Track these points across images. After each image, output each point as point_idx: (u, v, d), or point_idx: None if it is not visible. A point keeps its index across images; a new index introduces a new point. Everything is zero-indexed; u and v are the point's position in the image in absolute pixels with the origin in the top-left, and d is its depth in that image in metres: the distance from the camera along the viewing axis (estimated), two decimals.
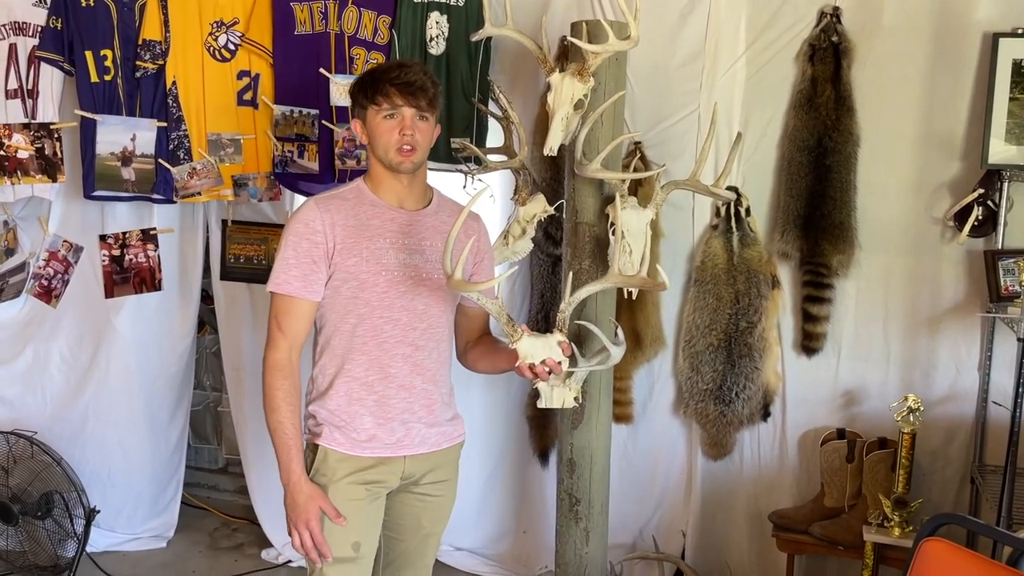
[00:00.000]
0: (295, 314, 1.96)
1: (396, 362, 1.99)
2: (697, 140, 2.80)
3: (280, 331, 1.96)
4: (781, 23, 2.74)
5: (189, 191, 3.04)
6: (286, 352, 1.95)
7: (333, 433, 1.98)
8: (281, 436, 1.93)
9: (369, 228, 1.98)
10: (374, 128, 1.97)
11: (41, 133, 3.04)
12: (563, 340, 1.96)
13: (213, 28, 2.96)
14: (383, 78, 1.95)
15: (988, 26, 2.55)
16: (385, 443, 1.99)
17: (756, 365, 2.80)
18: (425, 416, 2.03)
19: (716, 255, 2.80)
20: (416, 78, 1.94)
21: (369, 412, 1.98)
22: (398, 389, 1.99)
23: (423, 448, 2.04)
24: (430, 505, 2.11)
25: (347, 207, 1.99)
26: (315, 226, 1.94)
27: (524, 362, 1.93)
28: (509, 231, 2.61)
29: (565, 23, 2.69)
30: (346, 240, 1.95)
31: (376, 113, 1.96)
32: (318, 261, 1.94)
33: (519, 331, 1.92)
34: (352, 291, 1.96)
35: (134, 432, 3.43)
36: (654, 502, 3.08)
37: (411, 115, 1.95)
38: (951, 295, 2.69)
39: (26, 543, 3.24)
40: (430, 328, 2.02)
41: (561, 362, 1.95)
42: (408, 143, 1.94)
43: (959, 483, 2.74)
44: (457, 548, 3.33)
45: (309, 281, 1.95)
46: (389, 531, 2.13)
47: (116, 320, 3.32)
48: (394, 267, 1.97)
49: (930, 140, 2.66)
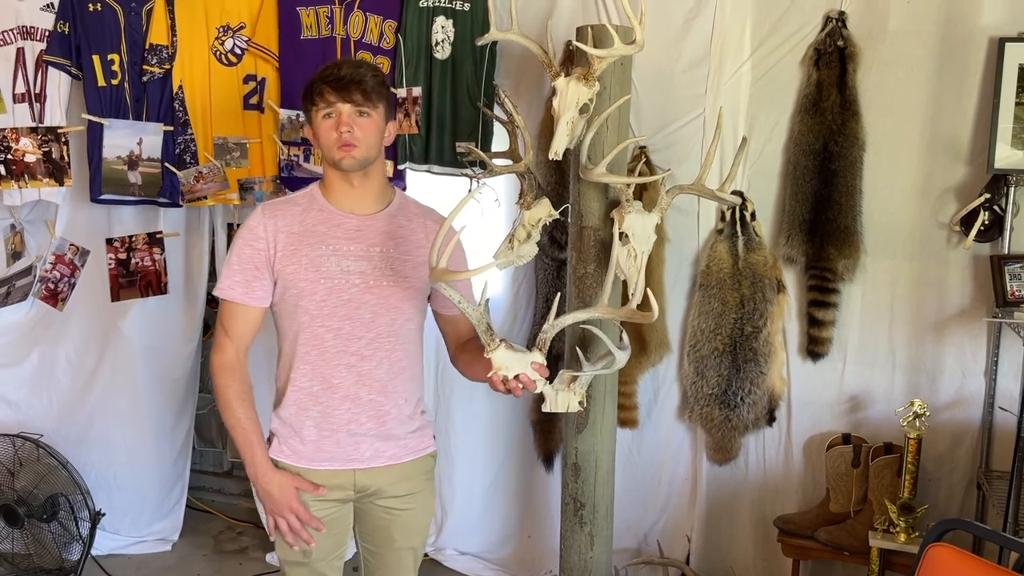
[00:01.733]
0: (239, 319, 1.96)
1: (339, 372, 1.94)
2: (702, 144, 2.80)
3: (226, 334, 1.97)
4: (786, 27, 2.73)
5: (195, 195, 3.05)
6: (232, 353, 1.97)
7: (281, 445, 1.99)
8: (240, 432, 1.94)
9: (313, 235, 1.94)
10: (316, 129, 1.94)
11: (48, 137, 3.05)
12: (539, 361, 1.87)
13: (219, 33, 2.98)
14: (317, 78, 1.93)
15: (994, 31, 2.55)
16: (331, 455, 1.97)
17: (761, 370, 2.80)
18: (375, 429, 1.98)
19: (721, 259, 2.79)
20: (347, 72, 1.90)
21: (314, 423, 1.96)
22: (342, 400, 1.95)
23: (376, 462, 1.99)
24: (399, 519, 2.06)
25: (295, 212, 1.96)
26: (258, 232, 1.93)
27: (497, 374, 1.85)
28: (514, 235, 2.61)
29: (570, 27, 2.70)
30: (287, 247, 1.93)
31: (316, 114, 1.93)
32: (260, 267, 1.93)
33: (496, 341, 1.84)
34: (293, 299, 1.93)
35: (139, 435, 3.44)
36: (659, 507, 3.07)
37: (347, 111, 1.90)
38: (957, 300, 2.68)
39: (31, 546, 3.24)
40: (378, 338, 1.95)
41: (536, 381, 1.87)
42: (345, 139, 1.89)
43: (965, 488, 2.73)
44: (462, 552, 3.33)
45: (252, 287, 1.94)
46: (365, 543, 2.12)
47: (122, 323, 3.33)
48: (335, 275, 1.92)
49: (936, 145, 2.65)
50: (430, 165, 2.96)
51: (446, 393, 3.24)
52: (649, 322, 2.01)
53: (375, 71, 1.97)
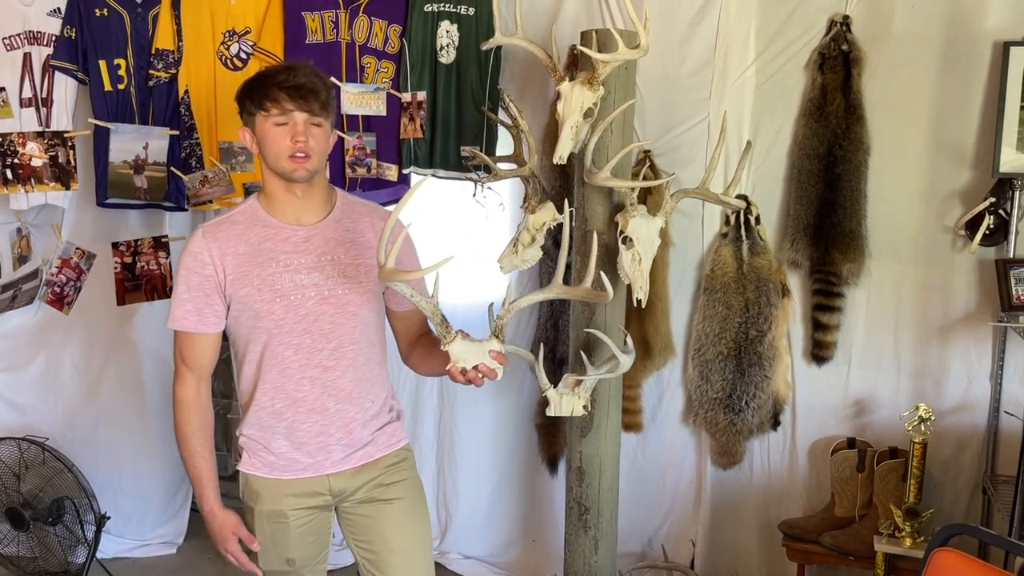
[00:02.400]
0: (196, 348, 1.93)
1: (303, 386, 1.91)
2: (707, 148, 2.80)
3: (185, 365, 1.95)
4: (791, 32, 2.73)
5: (201, 199, 3.06)
6: (194, 387, 1.95)
7: (251, 459, 1.98)
8: (191, 469, 1.96)
9: (261, 253, 1.87)
10: (263, 135, 1.84)
11: (55, 141, 3.06)
12: (496, 348, 1.81)
13: (225, 37, 2.99)
14: (271, 82, 1.82)
15: (999, 35, 2.55)
16: (303, 465, 1.95)
17: (766, 374, 2.80)
18: (344, 438, 1.95)
19: (726, 263, 2.79)
20: (306, 80, 1.82)
21: (283, 437, 1.94)
22: (308, 413, 1.92)
23: (348, 465, 1.97)
24: (384, 514, 2.01)
25: (237, 232, 1.89)
26: (203, 258, 1.87)
27: (455, 366, 1.80)
28: (519, 239, 2.61)
29: (575, 32, 2.70)
30: (236, 269, 1.87)
31: (265, 119, 1.82)
32: (211, 294, 1.88)
33: (452, 333, 1.79)
34: (250, 320, 1.89)
35: (145, 438, 3.45)
36: (663, 511, 3.07)
37: (303, 120, 1.82)
38: (962, 304, 2.67)
39: (37, 549, 3.25)
40: (339, 347, 1.92)
41: (495, 369, 1.81)
42: (301, 149, 1.82)
43: (971, 493, 2.72)
44: (466, 556, 3.32)
45: (204, 315, 1.90)
46: (362, 549, 2.05)
47: (127, 327, 3.34)
48: (290, 291, 1.87)
49: (941, 149, 2.65)
50: (435, 169, 2.96)
51: (450, 398, 3.25)
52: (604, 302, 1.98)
53: (326, 81, 1.91)
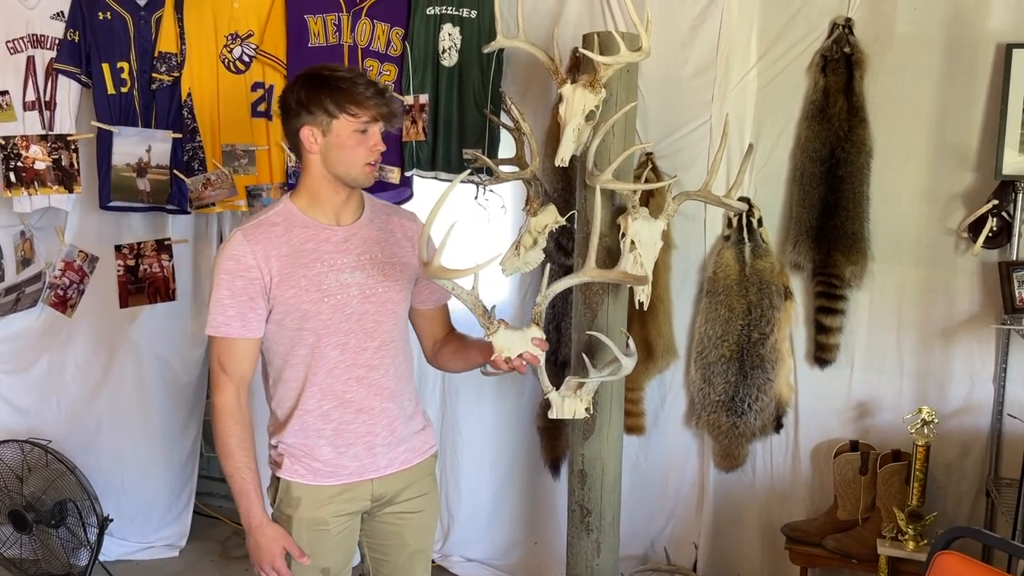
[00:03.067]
0: (238, 355, 1.88)
1: (351, 387, 1.91)
2: (709, 151, 2.80)
3: (225, 374, 1.89)
4: (793, 34, 2.73)
5: (203, 202, 3.07)
6: (234, 395, 1.89)
7: (294, 465, 1.94)
8: (238, 482, 1.89)
9: (305, 253, 1.87)
10: (339, 140, 1.84)
11: (58, 144, 3.07)
12: (538, 336, 1.86)
13: (228, 40, 2.99)
14: (356, 89, 1.83)
15: (1001, 37, 2.54)
16: (349, 470, 1.94)
17: (768, 376, 2.79)
18: (387, 437, 1.96)
19: (728, 266, 2.79)
20: (385, 90, 1.87)
21: (328, 442, 1.92)
22: (356, 413, 1.93)
23: (391, 469, 1.98)
24: (411, 522, 2.05)
25: (277, 233, 1.87)
26: (247, 261, 1.83)
27: (500, 355, 1.83)
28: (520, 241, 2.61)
29: (577, 34, 2.70)
30: (282, 271, 1.85)
31: (347, 125, 1.83)
32: (255, 298, 1.85)
33: (496, 324, 1.82)
34: (296, 322, 1.87)
35: (147, 441, 3.45)
36: (666, 514, 3.07)
37: (379, 131, 1.87)
38: (965, 306, 2.67)
39: (40, 551, 3.26)
40: (383, 345, 1.94)
41: (538, 356, 1.86)
42: (377, 159, 1.87)
43: (974, 496, 2.71)
44: (468, 559, 3.32)
45: (248, 320, 1.86)
46: (375, 552, 2.09)
47: (130, 330, 3.35)
48: (336, 290, 1.88)
49: (943, 151, 2.65)
50: (437, 172, 2.97)
51: (452, 399, 3.25)
52: (642, 284, 1.98)
53: None
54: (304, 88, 1.85)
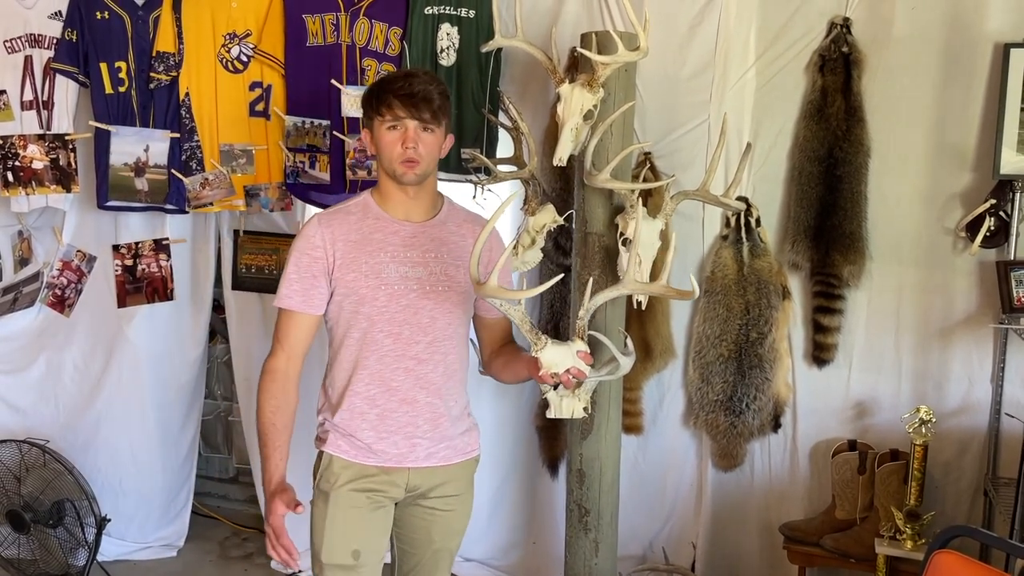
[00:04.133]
0: (295, 327, 1.99)
1: (398, 376, 1.98)
2: (707, 150, 2.80)
3: (279, 342, 2.00)
4: (791, 34, 2.74)
5: (201, 201, 3.06)
6: (283, 360, 1.99)
7: (338, 440, 2.00)
8: (265, 436, 1.97)
9: (371, 242, 1.97)
10: (379, 139, 1.96)
11: (56, 144, 3.07)
12: (584, 349, 1.92)
13: (226, 40, 2.99)
14: (388, 88, 1.93)
15: (999, 37, 2.55)
16: (388, 455, 1.99)
17: (767, 376, 2.79)
18: (430, 431, 2.01)
19: (726, 265, 2.79)
20: (420, 88, 1.92)
21: (371, 426, 1.98)
22: (400, 403, 1.98)
23: (430, 462, 2.02)
24: (439, 519, 2.09)
25: (351, 221, 1.99)
26: (315, 241, 1.96)
27: (548, 371, 1.89)
28: (519, 241, 2.62)
29: (575, 34, 2.71)
30: (346, 255, 1.95)
31: (380, 124, 1.95)
32: (318, 276, 1.96)
33: (543, 339, 1.89)
34: (353, 305, 1.96)
35: (145, 441, 3.45)
36: (664, 513, 3.07)
37: (414, 127, 1.93)
38: (963, 306, 2.67)
39: (37, 551, 3.25)
40: (435, 342, 2.00)
41: (584, 371, 1.92)
42: (410, 156, 1.93)
43: (972, 495, 2.72)
44: (467, 559, 3.32)
45: (309, 296, 1.97)
46: (401, 543, 2.13)
47: (128, 330, 3.34)
48: (395, 281, 1.96)
49: (941, 151, 2.65)
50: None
51: None
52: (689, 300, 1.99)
53: (441, 87, 1.98)
54: (364, 95, 2.01)
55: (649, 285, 2.04)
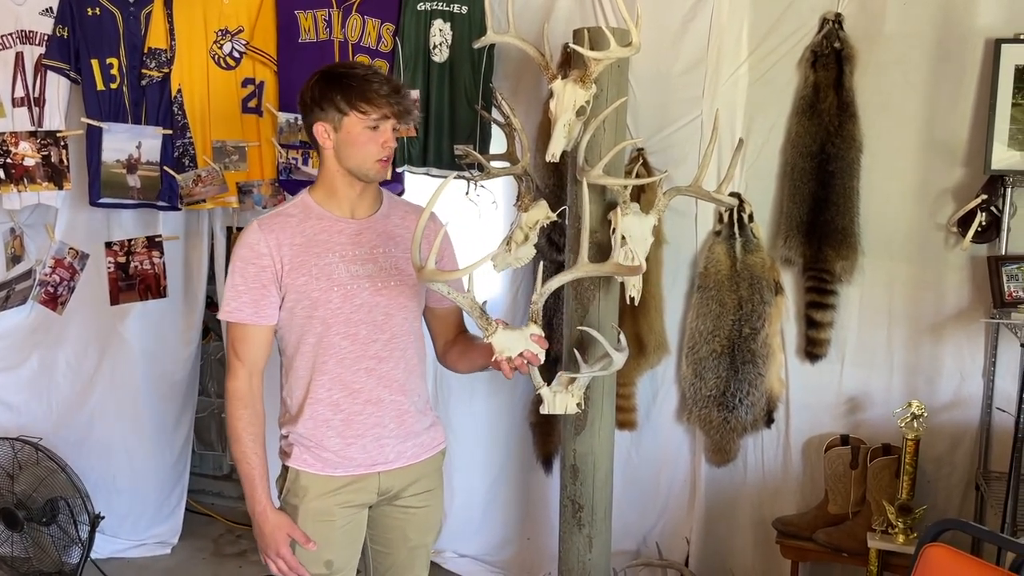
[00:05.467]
0: (251, 341, 1.93)
1: (360, 377, 1.94)
2: (700, 146, 2.81)
3: (238, 359, 1.94)
4: (783, 29, 2.74)
5: (194, 198, 3.06)
6: (245, 380, 1.93)
7: (303, 454, 1.96)
8: (244, 467, 1.93)
9: (317, 244, 1.92)
10: (351, 136, 1.89)
11: (47, 141, 3.06)
12: (537, 332, 1.88)
13: (218, 36, 2.98)
14: (368, 86, 1.87)
15: (990, 32, 2.55)
16: (357, 462, 1.96)
17: (760, 371, 2.80)
18: (396, 430, 1.99)
19: (719, 261, 2.80)
20: (400, 88, 1.91)
21: (337, 433, 1.95)
22: (365, 404, 1.95)
23: (399, 463, 2.00)
24: (414, 517, 2.08)
25: (292, 224, 1.93)
26: (260, 249, 1.89)
27: (501, 356, 1.86)
28: (512, 237, 2.61)
29: (567, 30, 2.70)
30: (294, 259, 1.90)
31: (359, 122, 1.88)
32: (267, 285, 1.90)
33: (494, 324, 1.85)
34: (306, 311, 1.91)
35: (139, 438, 3.45)
36: (658, 509, 3.07)
37: (391, 127, 1.90)
38: (955, 301, 2.68)
39: (31, 549, 3.25)
40: (393, 338, 1.97)
41: (538, 354, 1.88)
42: (388, 155, 1.91)
43: (964, 489, 2.73)
44: (461, 555, 3.33)
45: (260, 307, 1.91)
46: (377, 545, 2.11)
47: (121, 327, 3.34)
48: (346, 281, 1.92)
49: (933, 146, 2.65)
50: (428, 168, 2.97)
51: (444, 395, 3.25)
52: (635, 274, 1.99)
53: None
54: (318, 85, 1.90)
55: (599, 266, 2.00)
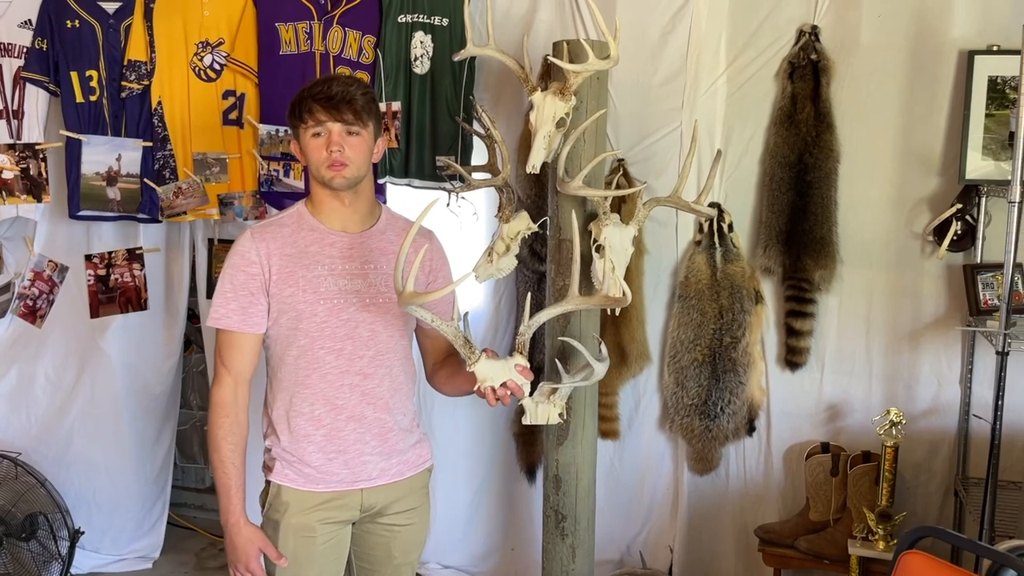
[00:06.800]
0: (237, 348, 1.92)
1: (343, 393, 1.92)
2: (680, 157, 2.83)
3: (224, 366, 1.93)
4: (761, 41, 2.77)
5: (175, 210, 3.05)
6: (230, 388, 1.92)
7: (284, 469, 1.94)
8: (221, 476, 1.91)
9: (307, 255, 1.91)
10: (305, 147, 1.91)
11: (26, 153, 3.05)
12: (522, 364, 1.89)
13: (198, 48, 2.98)
14: (307, 95, 1.88)
15: (964, 44, 2.59)
16: (338, 478, 1.94)
17: (741, 380, 2.82)
18: (379, 447, 1.97)
19: (700, 271, 2.81)
20: (339, 90, 1.86)
21: (318, 448, 1.93)
22: (347, 420, 1.93)
23: (382, 480, 1.98)
24: (399, 535, 2.05)
25: (285, 234, 1.93)
26: (250, 257, 1.90)
27: (484, 385, 1.85)
28: (493, 248, 2.62)
29: (548, 42, 2.72)
30: (282, 270, 1.89)
31: (305, 132, 1.89)
32: (255, 293, 1.90)
33: (477, 354, 1.84)
34: (291, 322, 1.90)
35: (120, 452, 3.42)
36: (641, 518, 3.08)
37: (338, 130, 1.87)
38: (932, 309, 2.71)
39: (10, 565, 3.21)
40: (379, 355, 1.95)
41: (522, 385, 1.88)
42: (336, 159, 1.87)
43: (943, 496, 2.75)
44: (445, 566, 3.32)
45: (248, 314, 1.90)
46: (361, 561, 2.10)
47: (102, 340, 3.31)
48: (333, 295, 1.90)
49: (909, 156, 2.69)
50: (410, 179, 2.97)
51: (427, 407, 3.24)
52: (622, 305, 2.01)
53: (365, 88, 1.93)
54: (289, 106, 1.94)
55: (588, 299, 2.02)
